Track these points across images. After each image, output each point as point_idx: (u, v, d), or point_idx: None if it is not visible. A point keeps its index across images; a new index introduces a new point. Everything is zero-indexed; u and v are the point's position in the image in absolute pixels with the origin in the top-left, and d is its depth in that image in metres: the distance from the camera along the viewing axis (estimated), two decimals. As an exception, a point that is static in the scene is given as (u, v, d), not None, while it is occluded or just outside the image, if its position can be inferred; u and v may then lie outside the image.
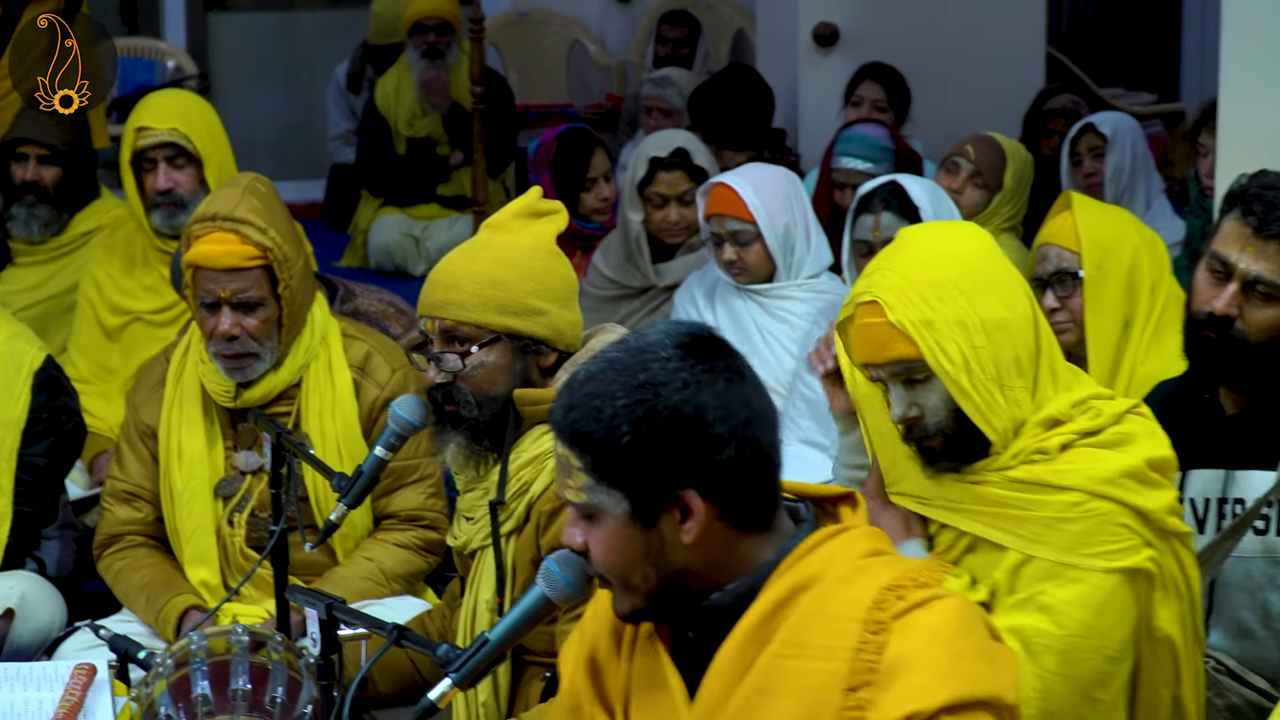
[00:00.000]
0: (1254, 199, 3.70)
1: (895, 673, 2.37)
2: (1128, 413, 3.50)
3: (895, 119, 8.32)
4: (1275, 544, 3.74)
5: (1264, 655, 3.79)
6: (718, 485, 2.48)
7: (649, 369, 2.47)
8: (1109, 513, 3.39)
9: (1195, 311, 3.76)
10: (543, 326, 3.65)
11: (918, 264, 3.42)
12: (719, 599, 2.53)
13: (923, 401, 3.41)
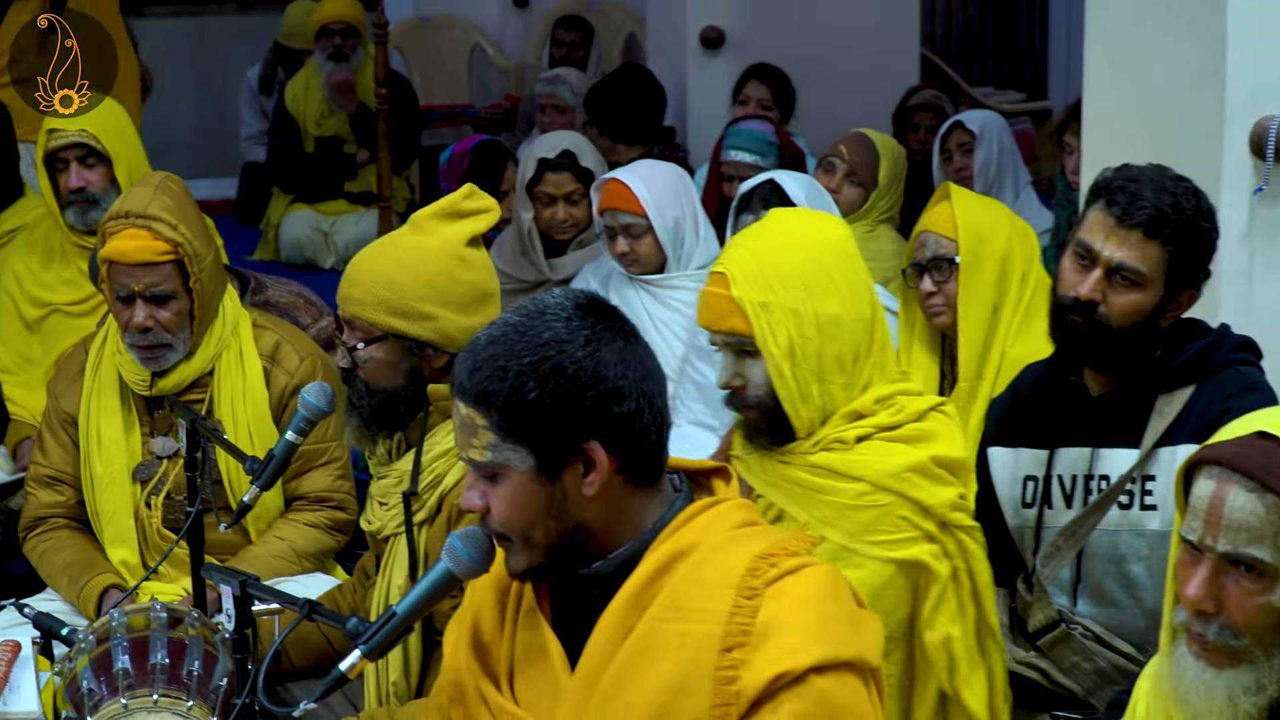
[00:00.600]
0: (1118, 190, 3.73)
1: (768, 634, 2.39)
2: (931, 410, 3.59)
3: (781, 117, 8.34)
4: (1138, 518, 3.77)
5: (1128, 622, 3.82)
6: (618, 438, 2.49)
7: (551, 328, 2.49)
8: (891, 504, 3.48)
9: (1061, 297, 3.79)
10: (430, 331, 3.61)
11: (772, 248, 3.50)
12: (601, 567, 2.55)
13: (748, 374, 3.51)
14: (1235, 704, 2.54)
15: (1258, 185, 4.52)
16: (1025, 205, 7.27)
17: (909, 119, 8.48)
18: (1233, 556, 2.51)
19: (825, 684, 2.37)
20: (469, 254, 3.70)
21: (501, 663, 2.63)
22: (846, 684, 2.40)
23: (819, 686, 2.36)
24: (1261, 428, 2.55)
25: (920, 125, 8.35)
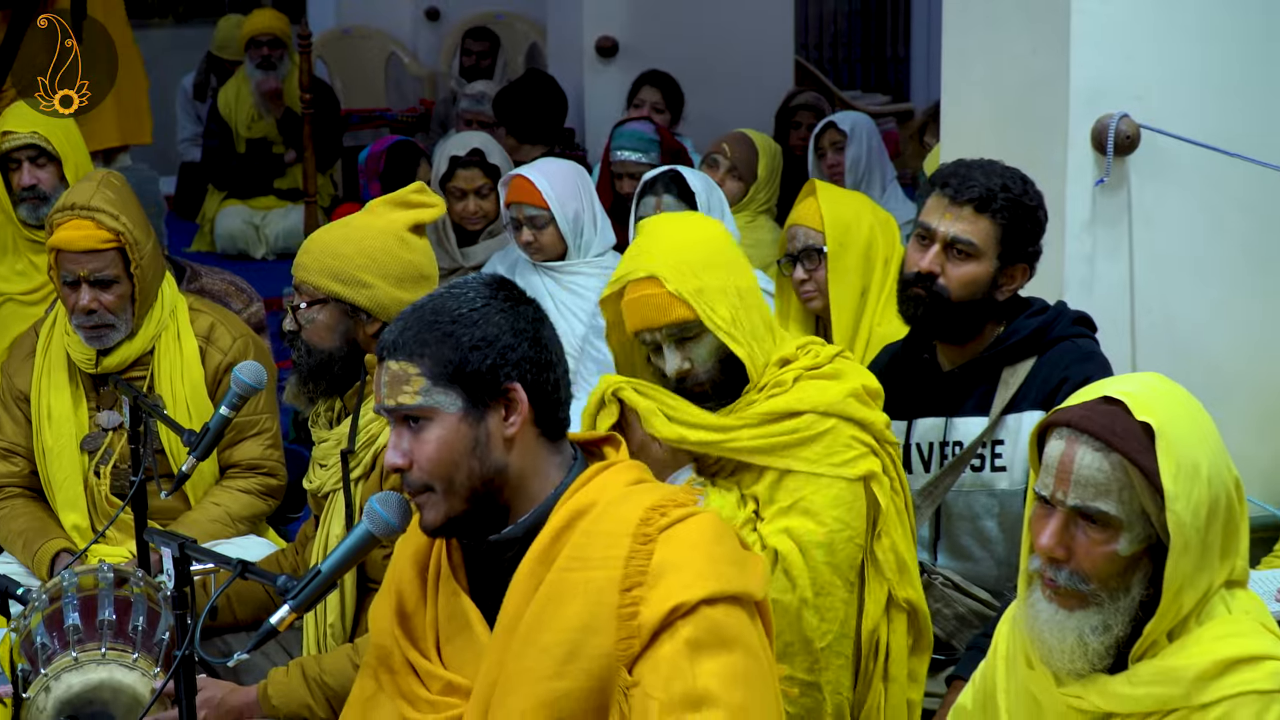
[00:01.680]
0: (950, 175, 3.81)
1: (662, 574, 2.41)
2: (837, 355, 3.63)
3: (671, 118, 8.40)
4: (989, 479, 3.80)
5: (983, 572, 3.86)
6: (535, 385, 2.55)
7: (476, 292, 2.57)
8: (837, 427, 3.51)
9: (905, 274, 3.84)
10: (365, 298, 3.66)
11: (680, 245, 3.52)
12: (511, 531, 2.56)
13: (694, 355, 3.50)
14: (1085, 642, 2.56)
15: (1099, 177, 4.56)
16: (891, 198, 7.32)
17: (791, 118, 8.52)
18: (1081, 509, 2.54)
19: (715, 614, 2.40)
20: (410, 237, 3.78)
21: (427, 632, 2.64)
22: (733, 615, 2.42)
23: (709, 616, 2.39)
24: (1107, 393, 2.58)
25: (802, 124, 8.39)
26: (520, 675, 2.45)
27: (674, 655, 2.37)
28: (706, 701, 2.34)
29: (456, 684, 2.56)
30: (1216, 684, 2.50)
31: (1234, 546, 2.58)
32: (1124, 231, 4.64)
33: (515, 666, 2.46)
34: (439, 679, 2.59)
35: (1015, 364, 3.80)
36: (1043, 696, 2.67)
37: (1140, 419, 2.51)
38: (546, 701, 2.42)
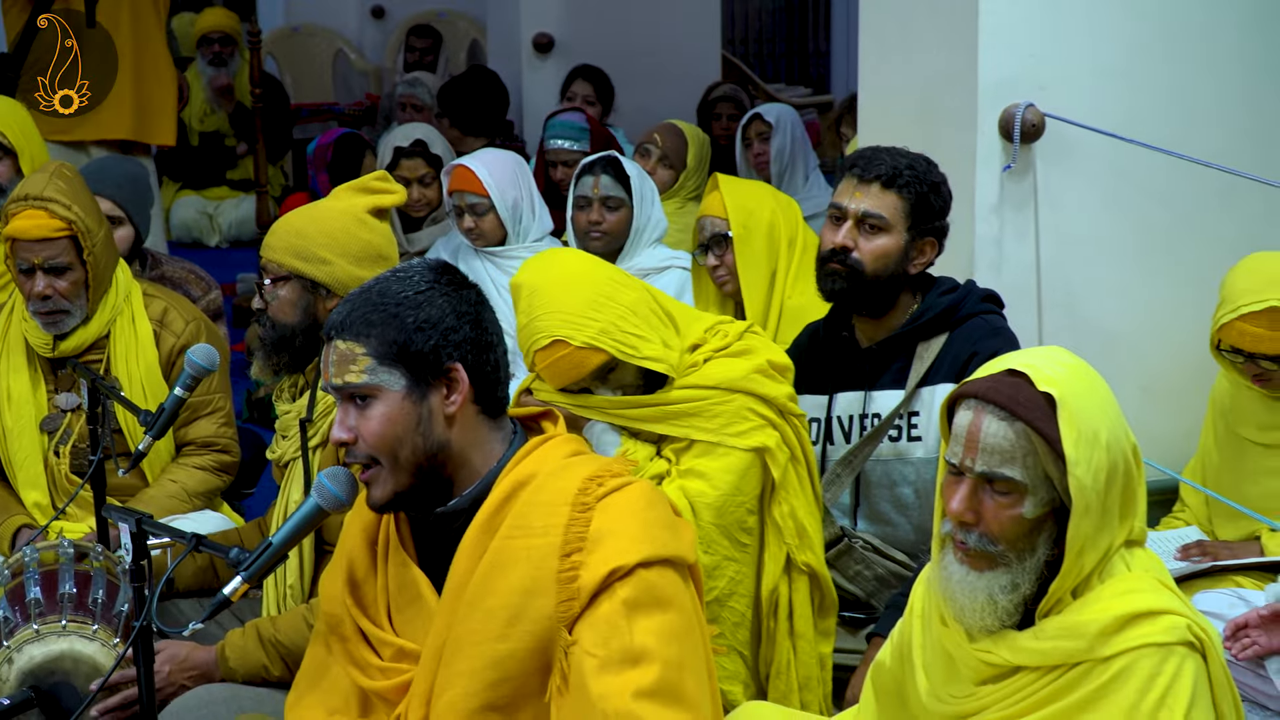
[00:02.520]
0: (858, 157, 3.85)
1: (600, 540, 2.43)
2: (746, 332, 3.68)
3: (603, 110, 8.39)
4: (905, 448, 3.82)
5: (900, 536, 3.88)
6: (475, 365, 2.55)
7: (420, 276, 2.57)
8: (739, 401, 3.57)
9: (822, 252, 3.86)
10: (325, 274, 3.66)
11: (562, 296, 3.55)
12: (457, 503, 2.56)
13: (622, 384, 3.59)
14: (994, 601, 2.59)
15: (1006, 163, 4.58)
16: (814, 185, 7.32)
17: (712, 110, 8.52)
18: (988, 475, 2.55)
19: (650, 576, 2.41)
20: (370, 220, 3.80)
21: (378, 600, 2.64)
22: (667, 577, 2.44)
23: (645, 578, 2.41)
24: (1011, 366, 2.59)
25: (722, 114, 8.40)
26: (467, 638, 2.46)
27: (612, 615, 2.38)
28: (644, 657, 2.35)
29: (407, 650, 2.56)
30: (1118, 638, 2.52)
31: (1132, 508, 2.61)
32: (1030, 214, 4.66)
33: (462, 630, 2.46)
34: (390, 645, 2.59)
35: (928, 340, 3.83)
36: (956, 652, 2.69)
37: (1042, 390, 2.53)
38: (492, 662, 2.43)
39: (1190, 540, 4.39)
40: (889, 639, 2.92)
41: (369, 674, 2.60)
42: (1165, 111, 4.72)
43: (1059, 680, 2.56)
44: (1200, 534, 4.45)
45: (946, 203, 3.85)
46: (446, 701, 2.45)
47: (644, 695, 2.32)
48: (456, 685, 2.44)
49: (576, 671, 2.36)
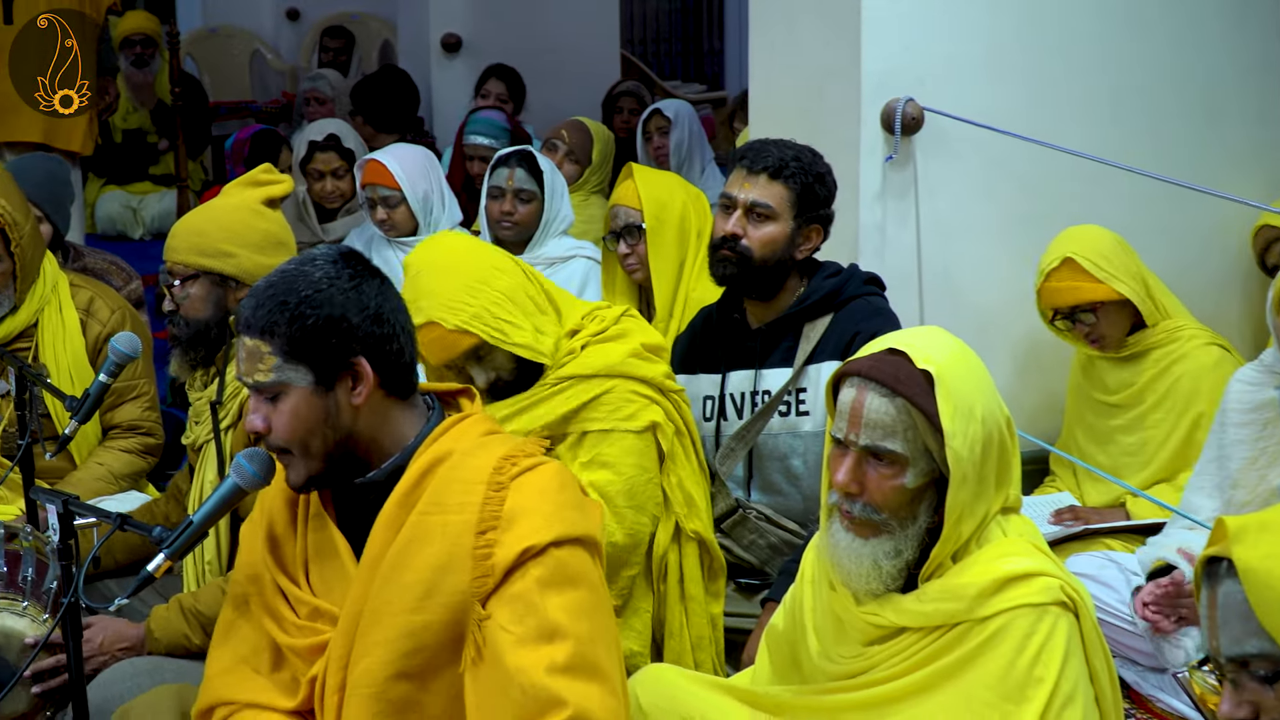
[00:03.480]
0: (747, 150, 3.86)
1: (514, 519, 2.41)
2: (622, 315, 3.69)
3: (514, 108, 8.37)
4: (794, 423, 3.83)
5: (791, 506, 3.88)
6: (379, 355, 2.51)
7: (321, 269, 2.51)
8: (621, 384, 3.57)
9: (714, 240, 3.87)
10: (232, 266, 3.66)
11: (440, 279, 3.54)
12: (375, 475, 2.54)
13: (495, 367, 3.56)
14: (879, 566, 2.60)
15: (888, 154, 4.61)
16: (710, 176, 7.32)
17: (615, 105, 8.51)
18: (871, 449, 2.57)
19: (562, 554, 2.40)
20: (264, 210, 3.82)
21: (296, 560, 2.61)
22: (577, 555, 2.42)
23: (557, 556, 2.39)
24: (892, 345, 2.61)
25: (624, 109, 8.39)
26: (383, 608, 2.44)
27: (526, 592, 2.36)
28: (558, 633, 2.34)
29: (323, 610, 2.54)
30: (995, 599, 2.54)
31: (1007, 477, 2.63)
32: (910, 202, 4.68)
33: (378, 600, 2.45)
34: (307, 604, 2.56)
35: (815, 320, 3.83)
36: (844, 615, 2.70)
37: (921, 367, 2.54)
38: (406, 633, 2.41)
39: (1062, 506, 4.44)
40: (782, 604, 2.93)
41: (285, 629, 2.58)
42: (1035, 104, 4.77)
43: (941, 640, 2.58)
44: (1072, 500, 4.50)
45: (831, 192, 3.86)
46: (363, 669, 2.43)
47: (558, 670, 2.31)
48: (372, 654, 2.43)
49: (492, 646, 2.35)
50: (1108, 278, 4.17)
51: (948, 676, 2.57)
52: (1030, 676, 2.50)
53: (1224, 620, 2.02)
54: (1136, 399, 4.31)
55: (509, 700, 2.31)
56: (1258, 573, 1.97)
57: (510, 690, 2.31)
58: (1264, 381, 3.81)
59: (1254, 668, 1.99)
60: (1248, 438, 3.81)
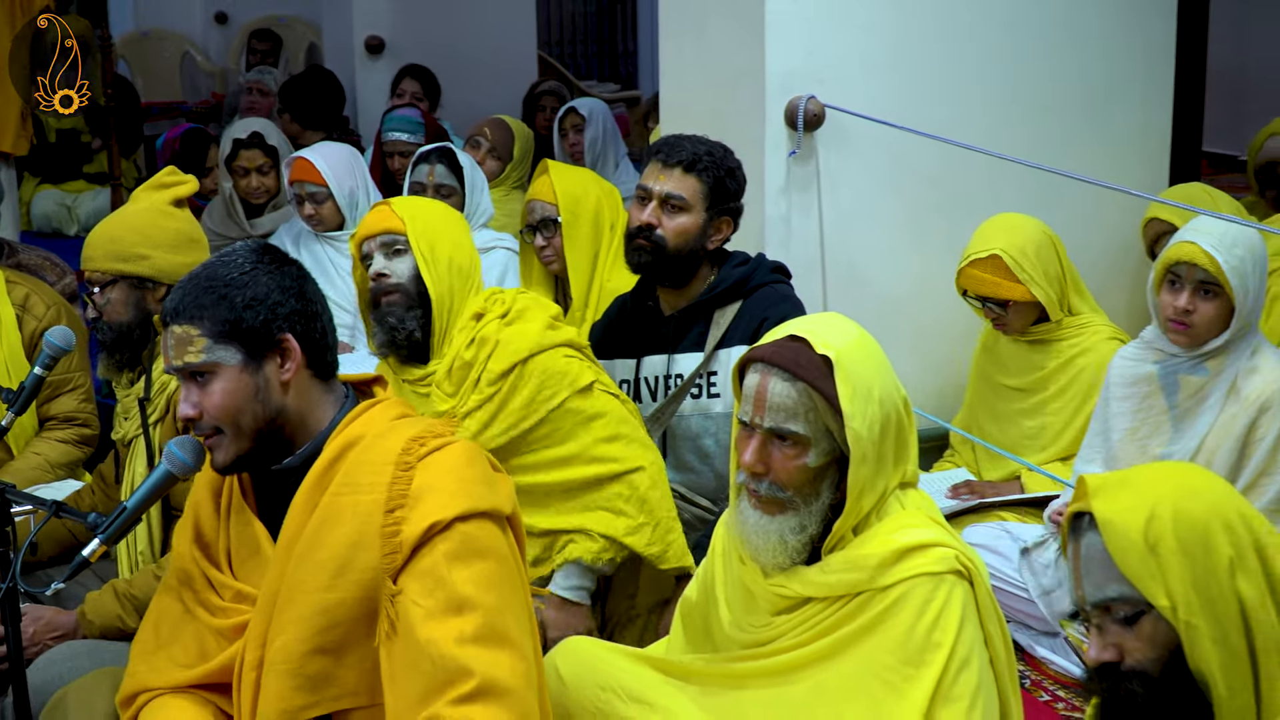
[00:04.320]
0: (662, 144, 3.87)
1: (421, 496, 2.39)
2: (519, 294, 3.69)
3: (430, 106, 8.32)
4: (706, 404, 3.84)
5: (704, 483, 3.90)
6: (305, 334, 2.52)
7: (245, 259, 2.53)
8: (549, 358, 3.56)
9: (629, 229, 3.87)
10: (148, 268, 3.61)
11: (427, 207, 3.61)
12: (291, 461, 2.53)
13: (394, 268, 3.59)
14: (785, 541, 2.61)
15: (791, 149, 4.62)
16: (623, 171, 7.31)
17: (536, 104, 8.49)
18: (775, 430, 2.58)
19: (468, 528, 2.38)
20: (173, 210, 3.76)
21: (220, 549, 2.60)
22: (485, 528, 2.41)
23: (463, 530, 2.38)
24: (793, 331, 2.62)
25: (545, 108, 8.35)
26: (298, 586, 2.42)
27: (434, 567, 2.35)
28: (466, 605, 2.33)
29: (246, 593, 2.53)
30: (894, 569, 2.56)
31: (905, 454, 2.64)
32: (814, 195, 4.70)
33: (294, 579, 2.43)
34: (230, 588, 2.55)
35: (724, 307, 3.85)
36: (754, 587, 2.71)
37: (820, 352, 2.55)
38: (321, 609, 2.40)
39: (959, 481, 4.47)
40: (695, 577, 2.93)
41: (213, 613, 2.57)
42: (931, 100, 4.80)
43: (844, 608, 2.59)
44: (969, 475, 4.53)
45: (741, 186, 3.87)
46: (280, 645, 2.42)
47: (468, 640, 2.30)
48: (289, 630, 2.42)
49: (404, 619, 2.34)
50: (1028, 280, 4.17)
51: (851, 643, 2.58)
52: (929, 642, 2.51)
53: (1087, 569, 2.10)
54: (1039, 385, 4.33)
55: (420, 672, 2.30)
56: (1114, 524, 2.06)
57: (421, 662, 2.30)
58: (1144, 357, 3.87)
59: (1115, 611, 2.07)
60: (1129, 410, 3.86)
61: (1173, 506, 2.04)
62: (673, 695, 2.72)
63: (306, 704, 2.42)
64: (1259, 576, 2.02)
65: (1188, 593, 2.01)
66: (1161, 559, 2.02)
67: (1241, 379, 3.69)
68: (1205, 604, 2.01)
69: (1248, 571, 2.02)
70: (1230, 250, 3.64)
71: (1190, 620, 2.01)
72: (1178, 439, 3.76)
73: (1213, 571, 2.01)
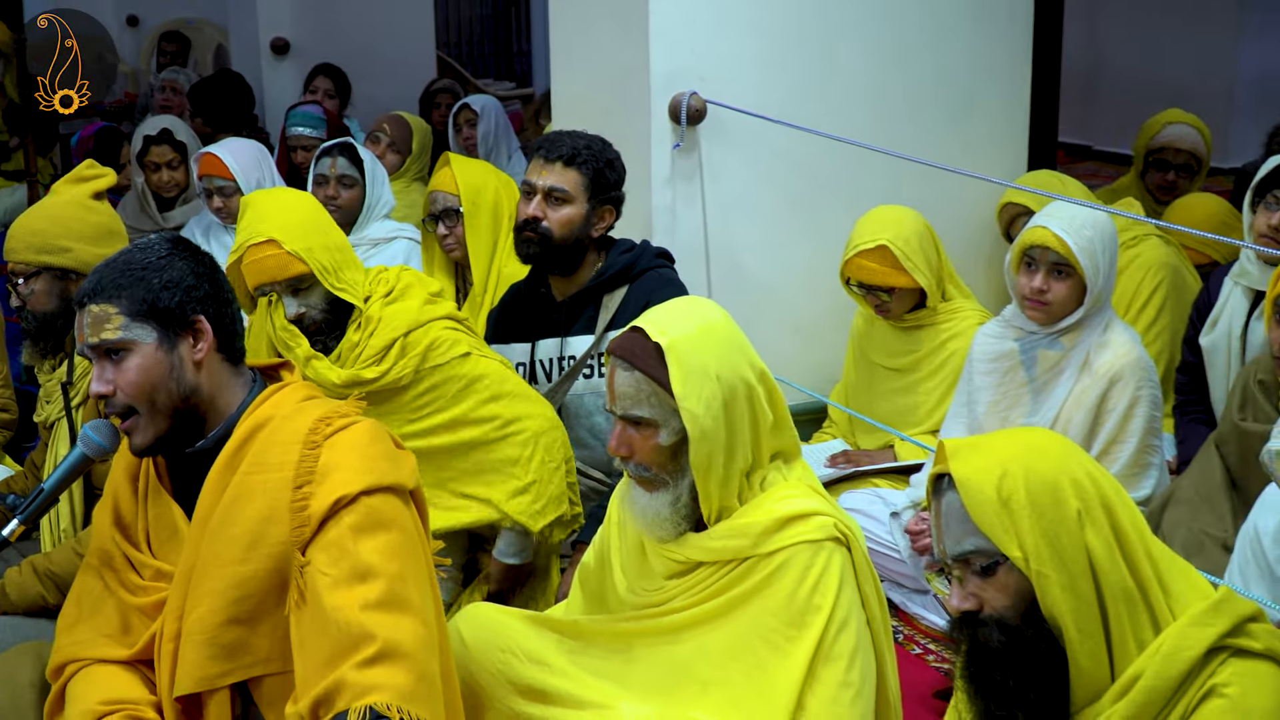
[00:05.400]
0: (545, 140, 3.86)
1: (327, 473, 2.38)
2: (401, 272, 3.70)
3: (341, 103, 8.27)
4: (597, 384, 3.84)
5: (597, 457, 3.89)
6: (218, 316, 2.50)
7: (157, 246, 2.50)
8: (436, 328, 3.60)
9: (517, 223, 3.86)
10: (70, 260, 3.56)
11: (286, 210, 3.54)
12: (203, 444, 2.50)
13: (309, 304, 3.55)
14: (662, 515, 2.63)
15: (675, 142, 4.62)
16: (516, 164, 7.28)
17: (433, 101, 8.43)
18: (627, 417, 2.61)
19: (373, 502, 2.37)
20: (93, 204, 3.71)
21: (140, 531, 2.56)
22: (389, 502, 2.39)
23: (368, 504, 2.36)
24: (636, 324, 2.65)
25: (441, 104, 8.31)
26: (213, 561, 2.40)
27: (340, 538, 2.33)
28: (370, 574, 2.31)
29: (164, 570, 2.50)
30: (777, 536, 2.57)
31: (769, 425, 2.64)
32: (697, 185, 4.70)
33: (208, 554, 2.41)
34: (150, 567, 2.52)
35: (612, 291, 3.85)
36: (648, 550, 2.72)
37: (654, 340, 2.57)
38: (235, 582, 2.38)
39: (837, 450, 4.50)
40: (591, 545, 2.93)
41: (134, 592, 2.53)
42: (806, 95, 4.82)
43: (732, 573, 2.60)
44: (845, 445, 4.56)
45: (620, 176, 3.87)
46: (196, 617, 2.40)
47: (371, 606, 2.29)
48: (204, 603, 2.39)
49: (312, 589, 2.32)
50: (913, 269, 4.18)
51: (737, 605, 2.59)
52: (810, 604, 2.53)
53: (947, 525, 2.15)
54: (913, 367, 4.36)
55: (327, 637, 2.28)
56: (970, 483, 2.10)
57: (328, 628, 2.28)
58: (1004, 334, 3.91)
59: (973, 563, 2.11)
60: (991, 384, 3.91)
61: (1024, 465, 2.08)
62: (568, 656, 2.72)
63: (222, 671, 2.40)
64: (1106, 529, 2.06)
65: (1038, 544, 2.05)
66: (1014, 513, 2.06)
67: (1094, 353, 3.74)
68: (1055, 554, 2.04)
69: (1095, 524, 2.06)
70: (1080, 233, 3.69)
71: (1041, 570, 2.05)
72: (1036, 410, 3.81)
73: (1061, 524, 2.05)
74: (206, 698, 2.41)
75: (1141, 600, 2.05)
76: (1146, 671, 2.01)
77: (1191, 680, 2.00)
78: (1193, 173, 5.51)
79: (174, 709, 2.42)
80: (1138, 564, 2.06)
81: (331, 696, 2.24)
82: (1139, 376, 3.69)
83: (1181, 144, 5.48)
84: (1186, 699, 2.00)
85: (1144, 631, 2.05)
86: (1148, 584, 2.06)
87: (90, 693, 2.45)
